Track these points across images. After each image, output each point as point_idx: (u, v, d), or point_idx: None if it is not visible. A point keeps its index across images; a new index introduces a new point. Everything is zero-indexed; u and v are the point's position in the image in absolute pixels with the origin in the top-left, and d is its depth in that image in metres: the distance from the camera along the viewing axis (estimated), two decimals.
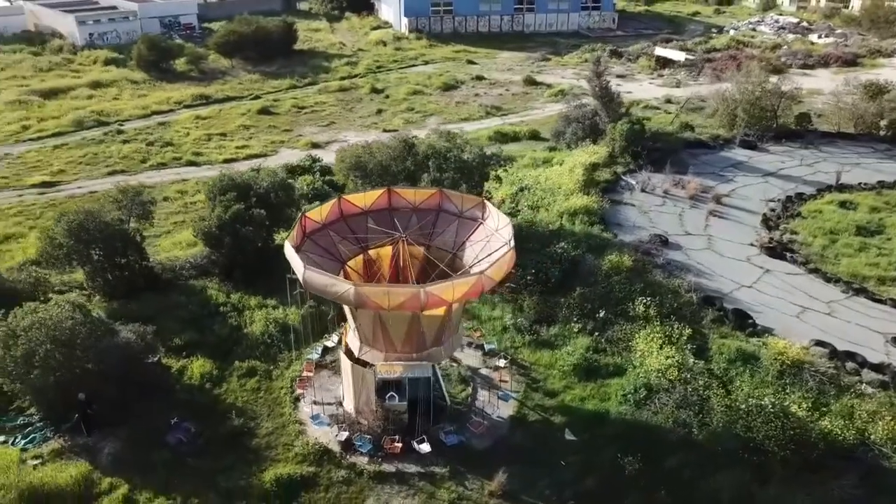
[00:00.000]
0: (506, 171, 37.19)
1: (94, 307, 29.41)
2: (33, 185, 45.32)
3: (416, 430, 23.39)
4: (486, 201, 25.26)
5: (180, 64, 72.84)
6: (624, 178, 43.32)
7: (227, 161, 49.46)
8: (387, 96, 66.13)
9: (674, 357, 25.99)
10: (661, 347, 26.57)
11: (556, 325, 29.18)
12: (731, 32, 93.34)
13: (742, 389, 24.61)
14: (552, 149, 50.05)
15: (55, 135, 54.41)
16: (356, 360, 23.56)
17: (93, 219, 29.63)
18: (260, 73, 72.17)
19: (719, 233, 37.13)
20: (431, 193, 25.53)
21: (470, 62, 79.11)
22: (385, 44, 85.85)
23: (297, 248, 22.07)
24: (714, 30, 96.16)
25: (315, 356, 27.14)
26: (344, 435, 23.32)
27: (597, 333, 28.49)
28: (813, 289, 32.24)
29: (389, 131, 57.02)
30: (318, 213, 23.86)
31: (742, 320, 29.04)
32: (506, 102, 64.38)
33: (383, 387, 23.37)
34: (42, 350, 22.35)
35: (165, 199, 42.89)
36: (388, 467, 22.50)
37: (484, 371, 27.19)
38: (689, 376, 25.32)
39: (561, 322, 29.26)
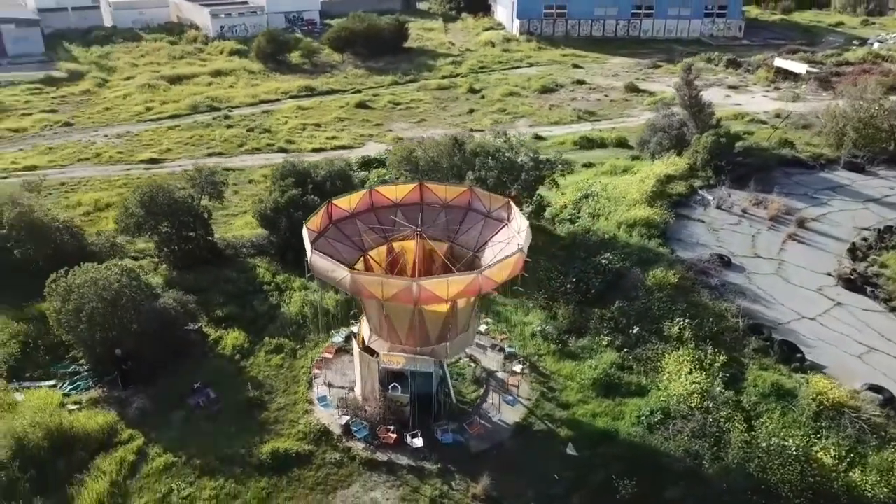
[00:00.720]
0: (564, 176, 36.36)
1: (158, 274, 32.11)
2: (141, 161, 49.73)
3: (414, 424, 23.65)
4: (511, 203, 24.97)
5: (295, 57, 76.97)
6: (700, 192, 41.05)
7: (315, 150, 51.91)
8: (482, 96, 66.51)
9: (700, 383, 24.46)
10: (689, 372, 25.09)
11: (587, 337, 28.31)
12: (875, 45, 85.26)
13: (767, 427, 22.74)
14: (635, 157, 48.35)
15: (172, 117, 59.34)
16: (365, 348, 24.14)
17: (163, 193, 32.24)
18: (366, 69, 74.81)
19: (794, 259, 34.32)
20: (462, 191, 25.69)
21: (576, 66, 77.76)
22: (493, 45, 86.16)
23: (320, 234, 22.86)
24: (856, 42, 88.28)
25: (339, 340, 28.04)
26: (345, 419, 23.99)
27: (626, 350, 27.36)
28: (889, 329, 29.10)
29: (476, 131, 57.64)
30: (348, 201, 24.61)
31: (789, 353, 26.77)
32: (601, 108, 62.78)
33: (387, 377, 23.81)
34: (89, 307, 24.73)
35: (251, 181, 45.71)
36: (381, 456, 22.90)
37: (501, 374, 26.92)
38: (711, 405, 23.73)
39: (591, 334, 28.36)
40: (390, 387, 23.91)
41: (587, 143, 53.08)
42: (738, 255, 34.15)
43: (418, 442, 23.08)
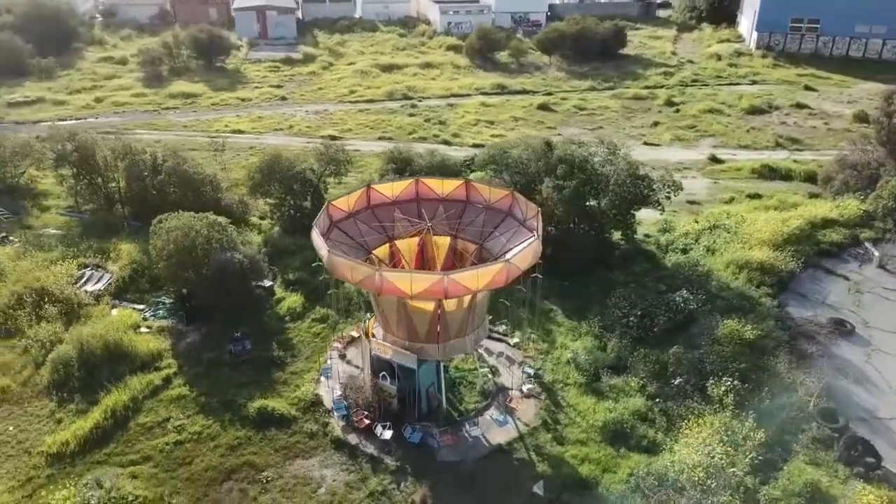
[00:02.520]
0: (668, 198, 32.47)
1: (260, 233, 35.79)
2: (322, 136, 55.00)
3: (401, 416, 23.63)
4: (514, 193, 23.90)
5: (503, 56, 78.46)
6: (866, 245, 33.83)
7: (476, 146, 52.83)
8: (677, 110, 61.77)
9: (715, 456, 20.68)
10: (706, 442, 21.33)
11: (623, 376, 25.47)
12: None
13: None
14: (814, 195, 41.39)
15: (368, 101, 64.56)
16: (367, 332, 24.60)
17: (280, 162, 35.71)
18: (569, 73, 73.64)
19: None
20: (458, 184, 24.90)
21: (808, 88, 68.13)
22: (720, 58, 78.93)
23: (325, 235, 23.62)
24: None
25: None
26: (336, 395, 24.73)
27: (657, 400, 24.09)
28: None
29: (650, 145, 53.85)
30: (346, 201, 25.06)
31: (861, 454, 21.26)
32: (811, 137, 54.51)
33: (378, 365, 24.02)
34: (171, 248, 28.64)
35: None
36: (352, 439, 23.30)
37: (514, 392, 25.45)
38: (714, 485, 19.98)
39: (629, 373, 25.44)
40: (380, 375, 24.11)
41: (769, 172, 46.78)
42: (869, 326, 27.76)
43: (387, 434, 23.02)
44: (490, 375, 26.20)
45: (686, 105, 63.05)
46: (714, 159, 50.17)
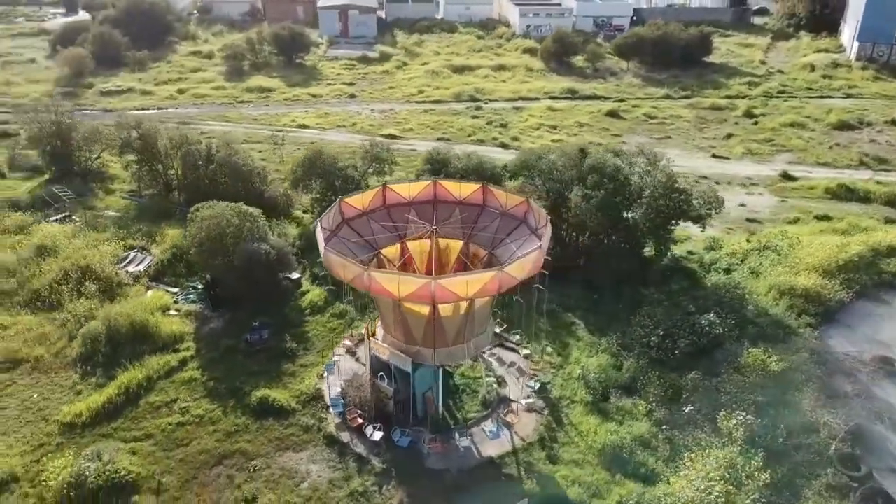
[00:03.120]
0: (710, 214, 30.49)
1: (296, 225, 36.56)
2: (383, 135, 55.62)
3: (391, 417, 23.48)
4: (529, 201, 23.38)
5: (579, 60, 76.79)
6: None
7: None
8: (755, 122, 58.50)
9: (709, 493, 19.28)
10: (707, 474, 19.93)
11: (633, 398, 24.23)
12: None
13: None
14: (891, 220, 38.06)
15: (434, 101, 64.79)
16: (370, 332, 24.56)
17: (322, 158, 36.33)
18: (646, 79, 71.19)
19: None
20: (476, 188, 24.49)
21: None
22: (813, 68, 74.07)
23: (334, 232, 23.73)
24: None
25: None
26: (336, 392, 24.83)
27: (664, 426, 22.72)
28: None
29: (719, 157, 51.17)
30: (360, 199, 24.99)
31: None
32: None
33: (377, 365, 23.94)
34: (202, 235, 29.70)
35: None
36: (345, 437, 23.33)
37: (515, 405, 24.73)
38: None
39: (639, 396, 24.17)
40: (379, 375, 24.02)
41: (845, 193, 43.51)
42: None
43: (377, 435, 22.90)
44: (495, 386, 25.58)
45: (766, 117, 59.57)
46: (786, 176, 47.09)
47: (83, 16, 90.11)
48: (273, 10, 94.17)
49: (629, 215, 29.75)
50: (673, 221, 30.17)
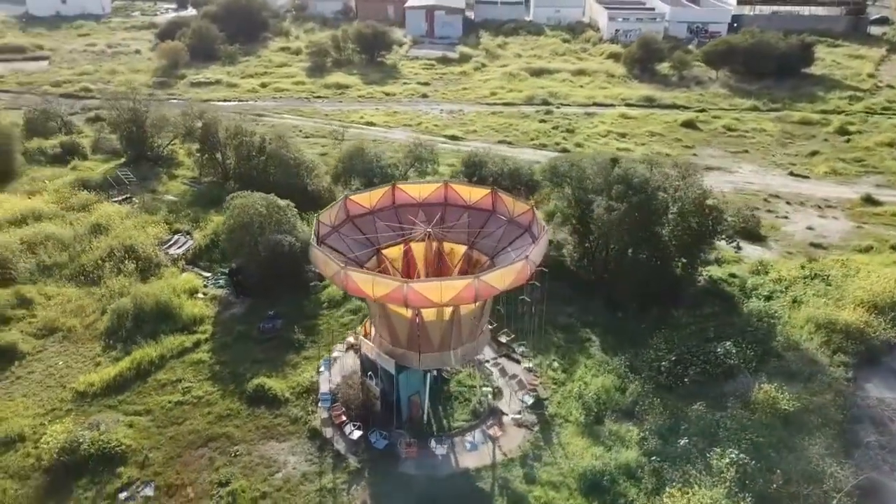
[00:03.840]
0: (742, 230, 28.21)
1: None
2: (446, 136, 55.74)
3: (376, 417, 23.47)
4: (534, 209, 23.11)
5: (664, 67, 73.74)
6: None
7: None
8: (848, 140, 54.06)
9: None
10: None
11: (627, 423, 22.95)
12: None
13: None
14: None
15: (505, 104, 64.22)
16: (364, 330, 24.61)
17: (362, 154, 36.82)
18: (734, 89, 67.41)
19: None
20: (486, 193, 24.09)
21: None
22: None
23: (335, 228, 23.89)
24: None
25: None
26: (326, 387, 25.05)
27: (653, 458, 21.34)
28: None
29: (797, 176, 47.63)
30: (368, 198, 24.91)
31: None
32: None
33: (368, 364, 23.95)
34: (231, 223, 30.85)
35: None
36: (328, 432, 23.52)
37: (506, 419, 24.02)
38: None
39: (634, 421, 22.85)
40: (368, 374, 24.03)
41: None
42: None
43: (355, 434, 22.89)
44: (489, 396, 24.96)
45: (862, 135, 54.96)
46: (869, 200, 43.19)
47: (192, 12, 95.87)
48: (364, 9, 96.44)
49: (659, 231, 28.17)
50: (707, 240, 28.22)
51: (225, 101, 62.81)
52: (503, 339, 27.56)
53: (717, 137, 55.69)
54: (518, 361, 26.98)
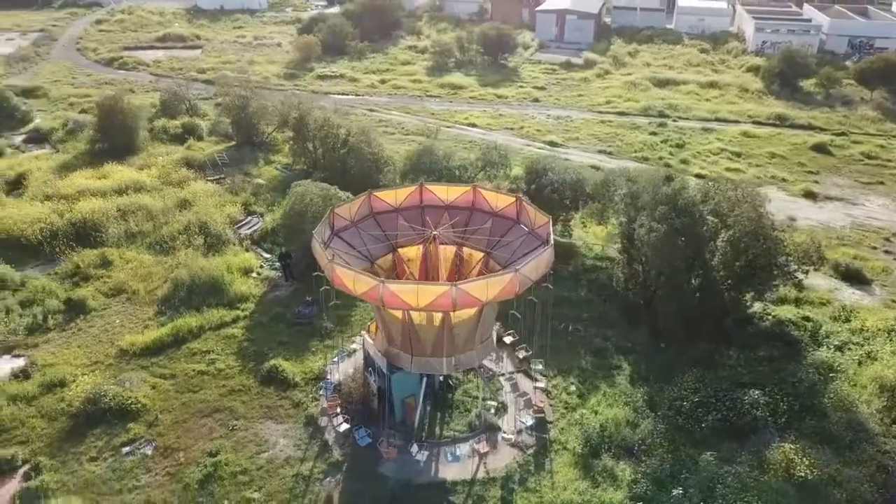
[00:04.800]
0: (800, 271, 24.61)
1: None
2: (545, 141, 54.50)
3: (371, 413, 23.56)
4: (521, 200, 23.01)
5: (809, 84, 67.12)
6: None
7: (699, 176, 47.09)
8: None
9: None
10: None
11: (624, 463, 21.18)
12: None
13: None
14: None
15: (618, 113, 61.58)
16: (371, 327, 24.68)
17: (429, 154, 36.96)
18: (886, 112, 60.01)
19: None
20: (511, 201, 23.70)
21: None
22: None
23: (355, 223, 24.05)
24: None
25: None
26: (335, 377, 25.40)
27: None
28: None
29: None
30: (394, 195, 24.70)
31: None
32: None
33: (369, 361, 24.02)
34: (288, 209, 32.23)
35: None
36: (322, 421, 23.88)
37: (501, 435, 23.07)
38: None
39: (631, 461, 21.03)
40: (369, 370, 24.08)
41: None
42: None
43: (342, 427, 23.06)
44: (491, 411, 24.08)
45: None
46: None
47: (337, 9, 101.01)
48: (499, 11, 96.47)
49: (709, 259, 25.68)
50: (765, 276, 25.21)
51: (342, 94, 65.57)
52: (521, 355, 26.52)
53: (851, 165, 49.83)
54: (534, 379, 25.81)
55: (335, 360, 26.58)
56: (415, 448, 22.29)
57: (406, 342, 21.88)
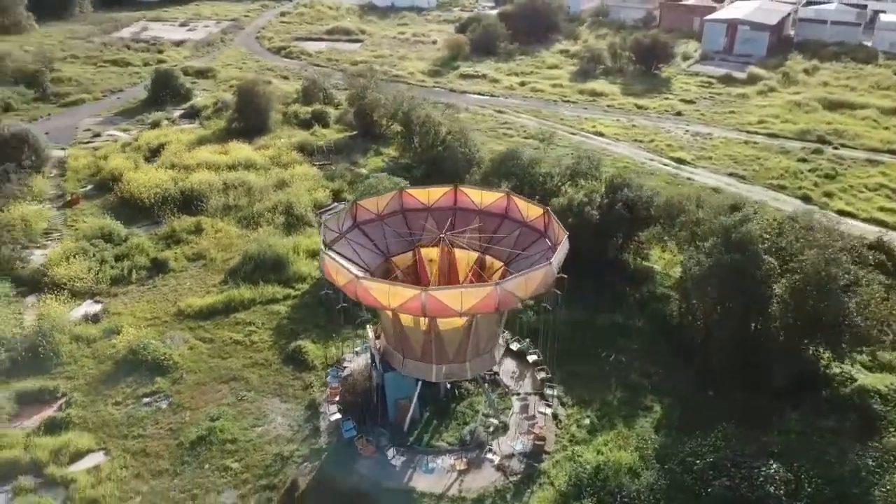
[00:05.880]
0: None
1: None
2: (672, 158, 50.65)
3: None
4: (549, 212, 22.25)
5: None
6: None
7: (842, 213, 41.22)
8: None
9: None
10: None
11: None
12: None
13: None
14: None
15: (769, 135, 55.55)
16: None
17: (514, 159, 35.95)
18: None
19: None
20: (498, 196, 22.95)
21: None
22: None
23: (342, 234, 23.70)
24: None
25: None
26: (349, 367, 25.50)
27: None
28: None
29: None
30: (375, 203, 24.10)
31: None
32: None
33: (374, 358, 23.84)
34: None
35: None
36: (322, 408, 24.15)
37: (489, 456, 21.79)
38: None
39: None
40: (374, 365, 23.90)
41: None
42: None
43: (333, 416, 23.09)
44: (489, 429, 22.79)
45: None
46: None
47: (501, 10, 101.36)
48: (668, 19, 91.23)
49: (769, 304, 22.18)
50: (836, 332, 21.23)
51: (479, 94, 65.73)
52: (541, 377, 24.87)
53: None
54: (547, 404, 24.04)
55: (357, 349, 26.71)
56: (392, 451, 21.74)
57: (398, 342, 21.40)
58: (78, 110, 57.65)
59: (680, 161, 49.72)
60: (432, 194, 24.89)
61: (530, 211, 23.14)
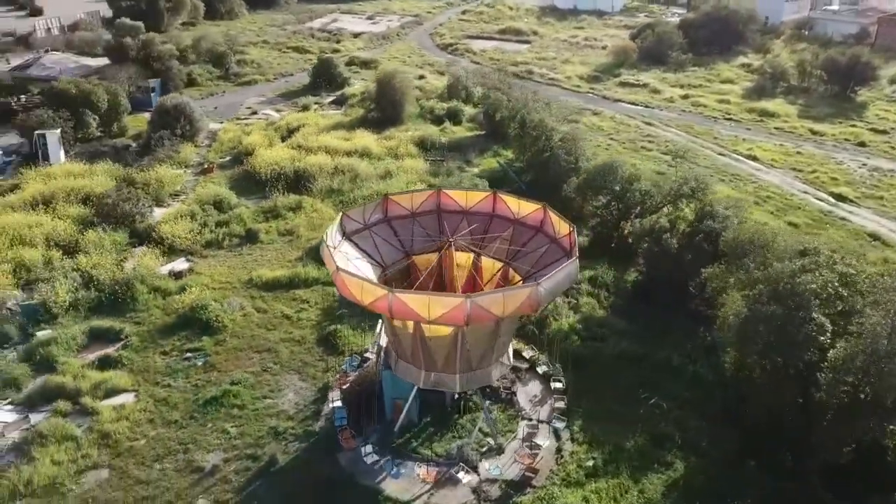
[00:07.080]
0: None
1: None
2: (830, 192, 44.10)
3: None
4: (546, 207, 21.21)
5: None
6: None
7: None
8: None
9: None
10: None
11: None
12: None
13: None
14: None
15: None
16: None
17: (611, 172, 33.67)
18: None
19: None
20: (535, 208, 21.71)
21: None
22: None
23: (367, 226, 23.21)
24: None
25: None
26: (369, 358, 25.40)
27: None
28: None
29: None
30: (410, 199, 23.15)
31: None
32: None
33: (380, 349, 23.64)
34: None
35: None
36: (329, 393, 24.27)
37: (466, 475, 20.57)
38: None
39: None
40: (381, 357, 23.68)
41: None
42: None
43: (334, 403, 23.20)
44: (479, 448, 21.48)
45: None
46: None
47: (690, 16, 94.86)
48: (886, 36, 79.35)
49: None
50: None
51: (632, 104, 62.27)
52: (557, 405, 22.97)
53: None
54: (558, 437, 22.08)
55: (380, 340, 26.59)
56: (368, 448, 21.31)
57: (395, 342, 20.91)
58: (250, 90, 63.58)
59: (840, 198, 43.25)
60: (471, 197, 23.94)
61: (561, 227, 21.35)
